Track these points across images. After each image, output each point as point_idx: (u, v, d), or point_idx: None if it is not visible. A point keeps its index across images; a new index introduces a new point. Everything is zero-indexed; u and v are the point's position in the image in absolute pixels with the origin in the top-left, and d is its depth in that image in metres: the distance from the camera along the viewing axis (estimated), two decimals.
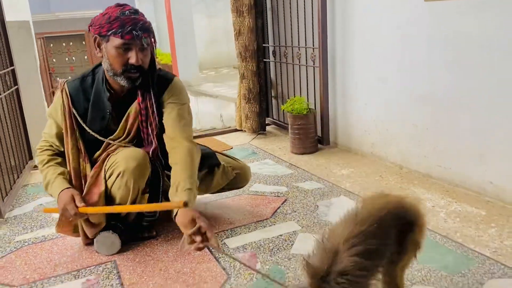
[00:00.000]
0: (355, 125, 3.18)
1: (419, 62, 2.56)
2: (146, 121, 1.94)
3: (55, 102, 1.96)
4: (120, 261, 1.91)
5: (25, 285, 1.77)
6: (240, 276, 1.73)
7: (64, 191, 1.84)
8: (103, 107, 1.92)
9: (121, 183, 1.85)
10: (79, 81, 1.94)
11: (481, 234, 1.94)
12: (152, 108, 1.92)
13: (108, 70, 1.85)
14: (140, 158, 1.87)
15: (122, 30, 1.73)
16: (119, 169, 1.84)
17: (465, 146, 2.38)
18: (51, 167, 1.92)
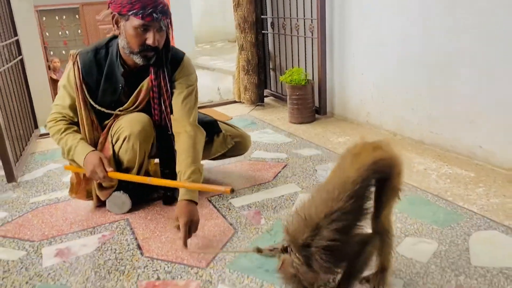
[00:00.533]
0: (351, 95, 3.29)
1: (414, 31, 2.66)
2: (158, 98, 2.00)
3: (68, 73, 1.98)
4: (133, 219, 2.03)
5: (45, 240, 1.89)
6: (246, 230, 1.87)
7: (91, 154, 1.90)
8: (116, 80, 1.99)
9: (127, 146, 1.94)
10: (92, 53, 1.97)
11: (469, 193, 2.09)
12: (166, 87, 1.99)
13: (124, 47, 1.90)
14: (144, 122, 1.95)
15: (143, 11, 1.78)
16: (125, 133, 1.93)
17: (456, 112, 2.50)
18: (70, 134, 1.96)
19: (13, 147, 2.64)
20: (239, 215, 2.00)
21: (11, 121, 2.70)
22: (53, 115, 2.02)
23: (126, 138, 1.94)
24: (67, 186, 2.43)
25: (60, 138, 1.98)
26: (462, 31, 2.38)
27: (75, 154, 1.94)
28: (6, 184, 2.51)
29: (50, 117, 2.03)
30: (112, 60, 1.98)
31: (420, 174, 2.33)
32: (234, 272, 1.58)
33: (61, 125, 1.99)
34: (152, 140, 2.04)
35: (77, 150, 1.94)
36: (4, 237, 1.94)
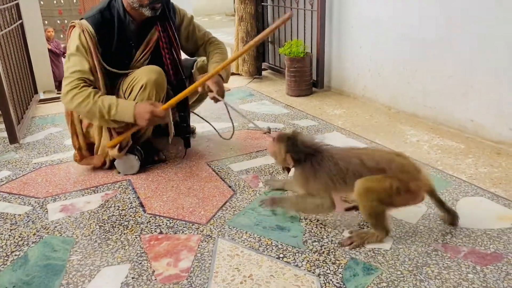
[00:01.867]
0: (348, 69, 3.34)
1: (411, 5, 2.70)
2: (169, 48, 2.14)
3: (79, 39, 1.97)
4: (134, 179, 2.10)
5: (49, 197, 1.96)
6: (245, 192, 1.94)
7: (139, 105, 1.94)
8: (128, 36, 2.07)
9: (143, 96, 2.00)
10: (99, 15, 2.01)
11: (459, 163, 2.17)
12: (174, 35, 2.17)
13: (133, 2, 1.99)
14: (158, 71, 2.04)
15: None
16: (141, 82, 1.99)
17: (449, 86, 2.57)
18: (103, 96, 1.95)
19: (15, 110, 2.68)
20: (238, 179, 2.07)
21: (12, 85, 2.73)
22: (74, 82, 1.94)
23: (143, 87, 2.00)
24: (69, 148, 2.50)
25: (94, 102, 1.91)
26: (457, 5, 2.42)
27: (118, 111, 1.93)
28: (9, 145, 2.56)
29: (70, 84, 1.94)
30: (120, 18, 2.04)
31: (413, 145, 2.41)
32: (233, 228, 1.66)
33: (88, 90, 1.94)
34: (165, 89, 2.10)
35: (119, 106, 1.93)
36: (10, 194, 2.00)
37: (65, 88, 1.96)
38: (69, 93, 1.94)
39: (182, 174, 2.14)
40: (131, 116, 1.94)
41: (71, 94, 1.93)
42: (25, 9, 3.37)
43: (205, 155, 2.37)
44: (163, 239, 1.61)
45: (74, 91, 1.93)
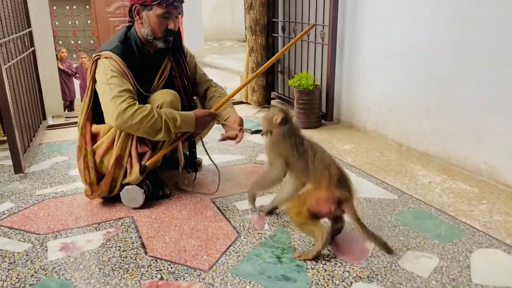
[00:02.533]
0: (359, 103, 3.30)
1: (424, 43, 2.67)
2: (180, 77, 2.24)
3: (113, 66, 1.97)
4: (138, 217, 2.06)
5: (50, 234, 1.91)
6: (250, 235, 1.88)
7: (196, 111, 2.09)
8: (148, 64, 2.14)
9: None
10: (121, 45, 2.06)
11: (472, 209, 2.10)
12: (185, 66, 2.29)
13: (148, 35, 2.07)
14: (174, 94, 2.10)
15: (166, 1, 2.00)
16: (158, 102, 2.03)
17: (463, 127, 2.51)
18: (163, 110, 1.98)
19: (22, 137, 2.66)
20: (243, 219, 2.02)
21: (20, 112, 2.72)
22: (128, 99, 1.92)
23: (159, 107, 2.03)
24: (74, 179, 2.47)
25: (159, 115, 1.94)
26: (472, 47, 2.39)
27: (182, 121, 2.01)
28: (14, 174, 2.53)
29: (125, 102, 1.91)
30: (138, 47, 2.11)
31: (425, 187, 2.35)
32: (236, 277, 1.59)
33: (147, 105, 1.96)
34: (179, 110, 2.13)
35: (182, 117, 2.02)
36: (11, 228, 1.96)
37: (119, 106, 1.90)
38: (128, 110, 1.90)
39: (186, 212, 2.09)
40: (193, 123, 2.06)
41: (131, 110, 1.91)
42: (38, 36, 3.39)
43: (211, 191, 2.32)
44: (163, 286, 1.55)
45: (133, 108, 1.91)
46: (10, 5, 2.77)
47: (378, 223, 1.97)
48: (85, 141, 2.08)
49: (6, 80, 2.40)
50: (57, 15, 10.98)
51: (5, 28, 2.58)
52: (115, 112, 1.91)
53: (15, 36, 2.78)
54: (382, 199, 2.20)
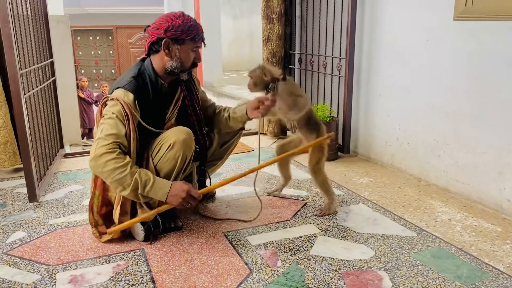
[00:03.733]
0: (376, 136, 3.26)
1: (443, 77, 2.64)
2: (192, 106, 2.26)
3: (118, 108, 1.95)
4: (148, 249, 2.02)
5: (60, 265, 1.89)
6: (262, 271, 1.83)
7: (174, 184, 1.92)
8: (161, 98, 2.14)
9: (170, 155, 1.98)
10: (135, 81, 2.03)
11: (496, 250, 2.01)
12: (195, 93, 2.32)
13: (176, 68, 2.09)
14: (187, 132, 2.05)
15: (197, 36, 2.08)
16: (169, 142, 1.98)
17: (484, 162, 2.44)
18: (141, 169, 1.92)
19: (38, 166, 2.69)
20: (255, 254, 1.97)
21: (38, 140, 2.75)
22: (110, 145, 1.88)
23: (170, 146, 1.98)
24: (86, 209, 2.45)
25: (131, 172, 1.86)
26: (492, 80, 2.34)
27: (152, 188, 1.89)
28: (28, 203, 2.54)
29: (105, 147, 1.88)
30: (152, 82, 2.10)
31: (445, 224, 2.26)
32: None
33: (126, 158, 1.90)
34: (193, 150, 2.09)
35: (156, 184, 1.90)
36: (21, 258, 1.94)
37: (98, 150, 1.88)
38: (104, 156, 1.87)
39: (198, 246, 2.05)
40: (164, 194, 1.90)
41: (106, 157, 1.86)
42: (59, 66, 3.48)
43: (223, 224, 2.28)
44: None
45: (110, 155, 1.87)
46: (33, 37, 2.85)
47: (395, 262, 1.89)
48: (95, 184, 2.06)
49: (25, 109, 2.44)
50: (80, 45, 11.33)
51: (27, 59, 2.64)
52: (93, 154, 1.89)
53: (36, 67, 2.84)
54: (400, 237, 2.13)
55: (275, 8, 3.71)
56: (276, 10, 3.70)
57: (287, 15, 3.82)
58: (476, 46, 2.42)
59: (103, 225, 2.09)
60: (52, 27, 3.34)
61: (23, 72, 2.50)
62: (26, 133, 2.44)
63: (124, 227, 2.01)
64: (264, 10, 3.75)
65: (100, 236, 2.09)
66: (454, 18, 2.50)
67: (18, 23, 2.52)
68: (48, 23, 3.22)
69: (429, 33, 2.70)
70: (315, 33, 3.67)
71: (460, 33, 2.50)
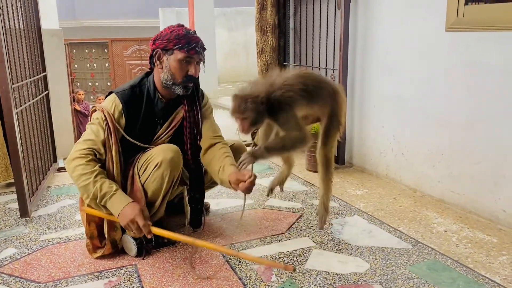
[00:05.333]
0: (371, 147, 3.25)
1: (437, 87, 2.64)
2: (191, 128, 2.13)
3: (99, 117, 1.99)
4: (141, 265, 1.99)
5: (50, 283, 1.86)
6: (256, 287, 1.80)
7: (131, 205, 1.89)
8: (154, 115, 2.09)
9: (157, 174, 1.95)
10: (130, 91, 2.06)
11: (492, 261, 1.99)
12: (199, 116, 2.16)
13: (167, 80, 2.03)
14: (175, 151, 2.00)
15: (188, 46, 1.98)
16: (156, 160, 1.94)
17: (479, 173, 2.43)
18: (107, 180, 1.92)
19: (30, 180, 2.66)
20: (249, 269, 1.94)
21: (30, 155, 2.73)
22: (83, 150, 1.93)
23: (157, 165, 1.95)
24: (79, 224, 2.43)
25: (94, 182, 1.88)
26: (486, 91, 2.34)
27: (111, 201, 1.89)
28: (19, 218, 2.51)
29: (79, 152, 1.93)
30: (149, 96, 2.08)
31: (440, 235, 2.24)
32: None
33: (94, 166, 1.92)
34: (180, 170, 2.05)
35: (114, 198, 1.89)
36: (11, 276, 1.91)
37: (73, 153, 1.95)
38: (75, 161, 1.92)
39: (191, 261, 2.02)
40: (117, 211, 1.88)
41: (76, 162, 1.92)
42: (53, 80, 3.46)
43: (217, 238, 2.25)
44: None
45: (80, 161, 1.91)
46: (26, 51, 2.84)
47: (391, 275, 1.87)
48: None
49: (16, 124, 2.42)
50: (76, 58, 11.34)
51: (19, 73, 2.63)
52: (69, 157, 1.95)
53: (29, 81, 2.83)
54: (395, 249, 2.11)
55: (269, 21, 3.72)
56: (270, 22, 3.72)
57: (281, 27, 3.83)
58: (469, 57, 2.43)
59: (97, 238, 2.05)
60: (45, 40, 3.34)
61: (14, 87, 2.48)
62: (18, 148, 2.42)
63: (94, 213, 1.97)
64: (257, 22, 3.77)
65: (93, 250, 2.06)
66: (446, 29, 2.51)
67: (10, 37, 2.51)
68: (41, 37, 3.21)
69: (422, 44, 2.71)
70: (309, 45, 3.68)
71: (453, 43, 2.51)
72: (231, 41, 10.45)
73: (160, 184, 1.97)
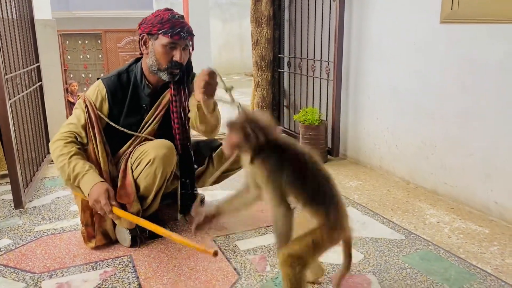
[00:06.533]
0: (365, 139, 3.27)
1: (431, 80, 2.65)
2: (178, 112, 2.10)
3: (82, 104, 2.02)
4: (136, 255, 2.00)
5: (46, 273, 1.86)
6: (251, 277, 1.82)
7: (99, 184, 1.88)
8: (140, 101, 2.09)
9: (149, 171, 1.94)
10: (116, 77, 2.07)
11: (483, 251, 2.02)
12: (186, 101, 2.11)
13: (152, 66, 2.02)
14: (168, 146, 1.99)
15: (172, 30, 1.95)
16: (149, 157, 1.93)
17: (472, 165, 2.45)
18: (81, 160, 1.93)
19: (24, 171, 2.65)
20: (244, 259, 1.95)
21: (24, 146, 2.72)
22: (65, 133, 1.98)
23: (150, 162, 1.94)
24: (74, 215, 2.43)
25: (68, 162, 1.91)
26: (479, 84, 2.36)
27: (83, 180, 1.90)
28: (14, 210, 2.50)
29: (60, 134, 1.98)
30: (136, 82, 2.08)
31: (433, 227, 2.27)
32: None
33: (73, 148, 1.94)
34: (174, 165, 2.05)
35: (85, 177, 1.90)
36: (6, 266, 1.91)
37: (56, 136, 2.00)
38: (55, 143, 1.97)
39: (186, 252, 2.03)
40: (87, 190, 1.89)
41: (56, 144, 1.96)
42: (46, 71, 3.44)
43: (212, 229, 2.26)
44: None
45: (59, 143, 1.96)
46: (19, 41, 2.82)
47: (384, 265, 1.89)
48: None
49: (10, 115, 2.41)
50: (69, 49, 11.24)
51: (12, 64, 2.61)
52: (52, 139, 2.00)
53: (22, 71, 2.81)
54: (389, 240, 2.13)
55: (264, 12, 3.71)
56: (265, 14, 3.71)
57: (276, 19, 3.82)
58: (463, 50, 2.44)
59: (92, 226, 2.06)
60: (38, 31, 3.31)
61: (8, 77, 2.47)
62: (12, 139, 2.41)
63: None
64: (252, 14, 3.76)
65: (88, 238, 2.06)
66: (440, 22, 2.52)
67: (3, 27, 2.49)
68: (34, 27, 3.18)
69: (416, 37, 2.72)
70: (304, 37, 3.68)
71: (447, 36, 2.52)
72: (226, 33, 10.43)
73: (152, 181, 1.97)
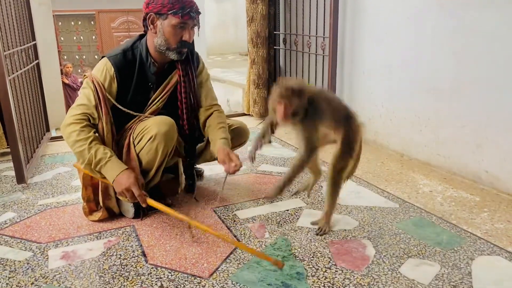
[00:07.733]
0: (360, 113, 3.29)
1: (425, 54, 2.69)
2: (186, 92, 2.14)
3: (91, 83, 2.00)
4: (139, 226, 2.06)
5: (51, 243, 1.92)
6: (250, 242, 1.88)
7: (126, 172, 1.90)
8: (147, 79, 2.10)
9: (151, 146, 1.97)
10: (122, 55, 2.05)
11: (474, 217, 2.09)
12: (193, 80, 2.17)
13: (161, 45, 2.02)
14: (170, 123, 2.00)
15: (182, 11, 1.95)
16: (151, 133, 1.96)
17: (463, 136, 2.52)
18: (101, 146, 1.94)
19: (25, 149, 2.69)
20: (244, 227, 2.02)
21: (24, 124, 2.75)
22: (78, 116, 1.96)
23: (152, 138, 1.96)
24: (76, 189, 2.48)
25: (89, 148, 1.91)
26: (471, 56, 2.41)
27: (105, 167, 1.91)
28: (16, 185, 2.55)
29: (73, 117, 1.95)
30: (142, 60, 2.08)
31: (426, 195, 2.34)
32: (237, 284, 1.59)
33: (89, 132, 1.94)
34: (174, 142, 2.07)
35: (109, 164, 1.91)
36: (12, 237, 1.97)
37: (67, 119, 1.97)
38: (70, 126, 1.95)
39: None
40: (112, 177, 1.91)
41: (71, 128, 1.94)
42: (42, 50, 3.44)
43: (212, 200, 2.32)
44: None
45: (75, 127, 1.93)
46: (15, 18, 2.82)
47: (379, 231, 1.96)
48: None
49: (10, 91, 2.43)
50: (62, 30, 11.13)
51: (10, 40, 2.62)
52: (64, 122, 1.98)
53: (19, 49, 2.82)
54: (383, 208, 2.20)
55: None
56: None
57: None
58: (456, 23, 2.48)
59: (93, 202, 2.11)
60: (34, 9, 3.30)
61: (6, 54, 2.48)
62: (12, 115, 2.44)
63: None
64: None
65: (89, 212, 2.12)
66: None
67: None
68: (29, 5, 3.18)
69: (410, 11, 2.75)
70: (299, 13, 3.69)
71: (440, 10, 2.55)
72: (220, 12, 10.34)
73: (154, 156, 2.00)
